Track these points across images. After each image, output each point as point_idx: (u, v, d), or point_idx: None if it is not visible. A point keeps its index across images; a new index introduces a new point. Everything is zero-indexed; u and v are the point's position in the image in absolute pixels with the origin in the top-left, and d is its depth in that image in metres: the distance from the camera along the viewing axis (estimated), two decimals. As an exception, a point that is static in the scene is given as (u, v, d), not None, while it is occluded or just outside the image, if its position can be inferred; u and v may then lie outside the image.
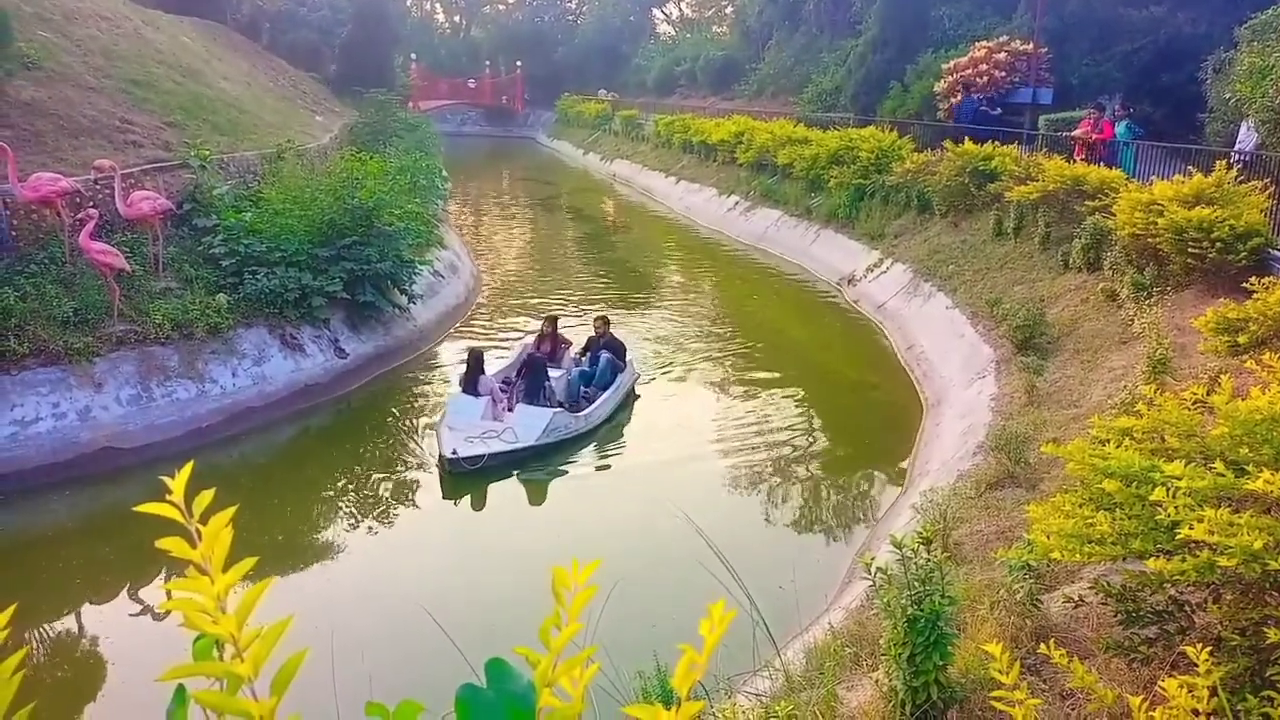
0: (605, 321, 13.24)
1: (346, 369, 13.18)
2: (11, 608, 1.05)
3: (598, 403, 11.76)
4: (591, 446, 11.41)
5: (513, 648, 1.08)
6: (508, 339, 16.08)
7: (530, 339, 13.60)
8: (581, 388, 12.31)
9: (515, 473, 10.48)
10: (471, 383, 11.39)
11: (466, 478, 10.07)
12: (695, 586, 6.58)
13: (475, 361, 11.58)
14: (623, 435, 11.95)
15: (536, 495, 10.28)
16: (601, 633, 3.53)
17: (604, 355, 12.55)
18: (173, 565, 7.51)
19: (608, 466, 11.15)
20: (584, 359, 12.79)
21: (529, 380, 11.74)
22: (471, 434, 10.49)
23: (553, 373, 12.23)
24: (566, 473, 10.70)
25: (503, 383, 12.05)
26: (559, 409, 11.22)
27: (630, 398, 12.80)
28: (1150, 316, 9.93)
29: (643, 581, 7.77)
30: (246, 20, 29.29)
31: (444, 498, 10.11)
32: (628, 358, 12.95)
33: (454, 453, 10.09)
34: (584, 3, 70.71)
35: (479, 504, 10.02)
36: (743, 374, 14.35)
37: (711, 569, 5.65)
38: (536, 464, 10.66)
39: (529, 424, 10.77)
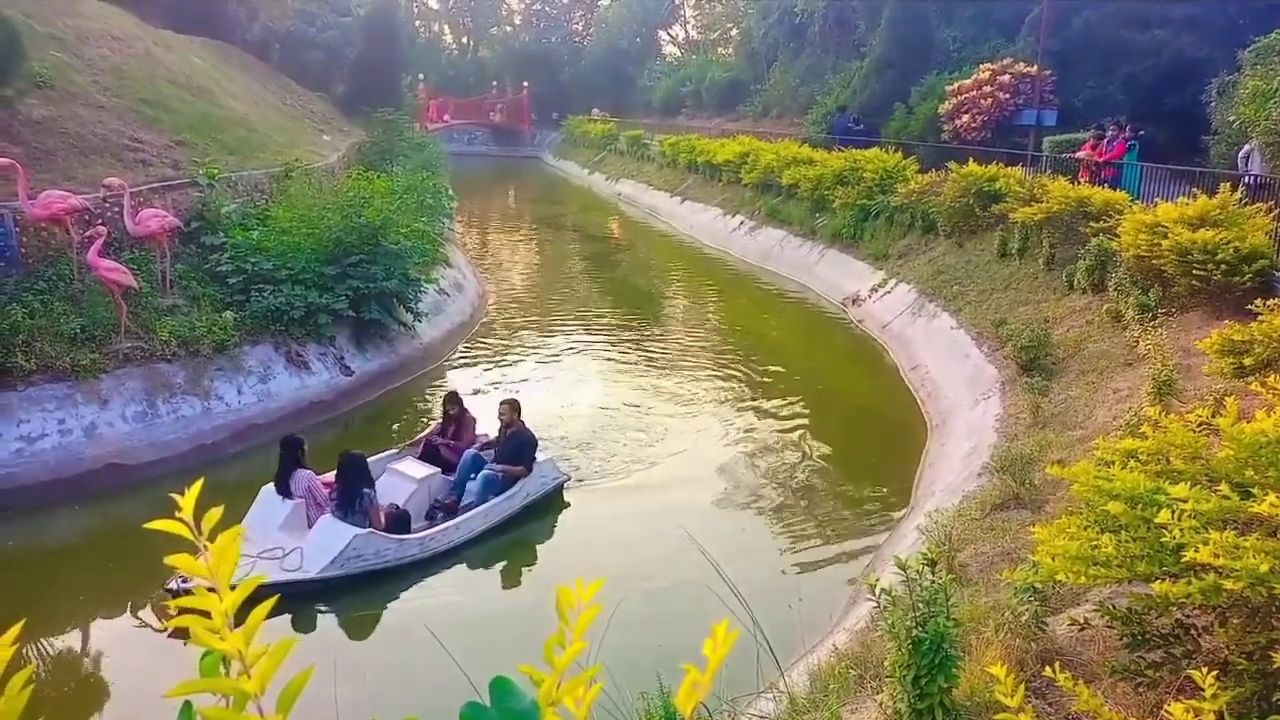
0: (514, 408, 10.11)
1: (352, 386, 13.20)
2: (19, 624, 1.06)
3: (447, 524, 9.03)
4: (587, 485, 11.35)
5: (517, 666, 1.09)
6: (511, 356, 16.13)
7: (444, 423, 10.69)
8: (469, 488, 9.70)
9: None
10: (284, 479, 8.74)
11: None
12: (699, 607, 6.57)
13: (288, 451, 8.87)
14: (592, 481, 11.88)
15: (536, 517, 10.24)
16: (604, 652, 3.51)
17: (488, 467, 9.76)
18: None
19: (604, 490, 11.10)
20: (488, 452, 10.03)
21: (343, 484, 8.74)
22: (251, 551, 7.89)
23: (418, 471, 9.70)
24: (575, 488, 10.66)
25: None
26: (368, 530, 8.35)
27: (556, 501, 10.32)
28: (1155, 338, 9.92)
29: (646, 602, 7.75)
30: (257, 40, 29.53)
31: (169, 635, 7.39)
32: (541, 457, 10.12)
33: (184, 580, 6.85)
34: (590, 24, 71.25)
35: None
36: (746, 393, 14.34)
37: (716, 590, 5.64)
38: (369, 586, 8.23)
39: (322, 546, 8.09)
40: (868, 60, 29.53)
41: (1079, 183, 15.95)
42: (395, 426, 12.60)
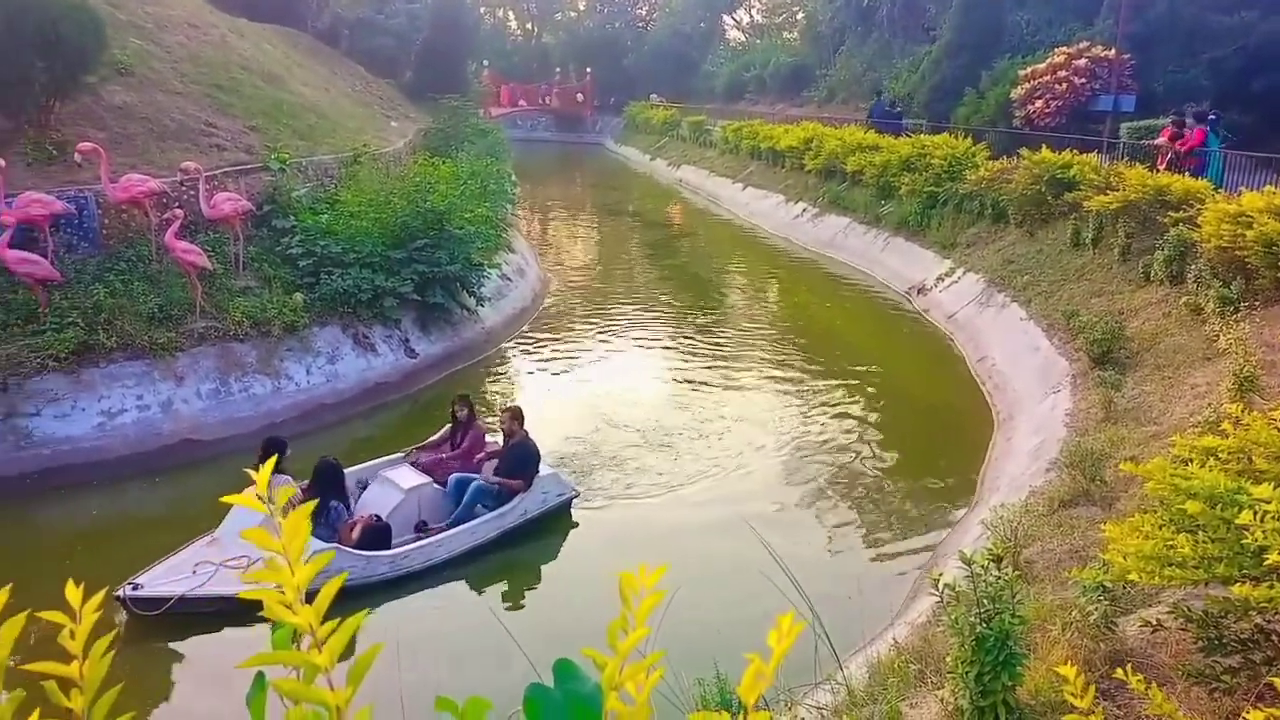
0: (515, 417, 9.37)
1: (416, 368, 13.43)
2: (102, 591, 1.09)
3: (426, 541, 8.43)
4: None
5: (581, 649, 1.09)
6: (571, 343, 16.22)
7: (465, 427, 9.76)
8: (460, 502, 9.03)
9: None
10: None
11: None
12: (757, 596, 6.54)
13: (266, 454, 8.19)
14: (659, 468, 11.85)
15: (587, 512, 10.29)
16: (662, 638, 3.52)
17: (476, 482, 9.07)
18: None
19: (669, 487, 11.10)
20: (483, 466, 9.40)
21: (312, 493, 8.00)
22: (216, 558, 7.64)
23: (407, 480, 9.01)
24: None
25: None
26: (333, 545, 7.73)
27: (562, 520, 9.55)
28: (1237, 332, 9.54)
29: (705, 590, 7.75)
30: (326, 28, 30.08)
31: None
32: (545, 470, 9.39)
33: (134, 588, 7.21)
34: (654, 9, 70.98)
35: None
36: (807, 383, 14.20)
37: (774, 580, 5.61)
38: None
39: None
40: (937, 44, 28.88)
41: (1157, 170, 15.40)
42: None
